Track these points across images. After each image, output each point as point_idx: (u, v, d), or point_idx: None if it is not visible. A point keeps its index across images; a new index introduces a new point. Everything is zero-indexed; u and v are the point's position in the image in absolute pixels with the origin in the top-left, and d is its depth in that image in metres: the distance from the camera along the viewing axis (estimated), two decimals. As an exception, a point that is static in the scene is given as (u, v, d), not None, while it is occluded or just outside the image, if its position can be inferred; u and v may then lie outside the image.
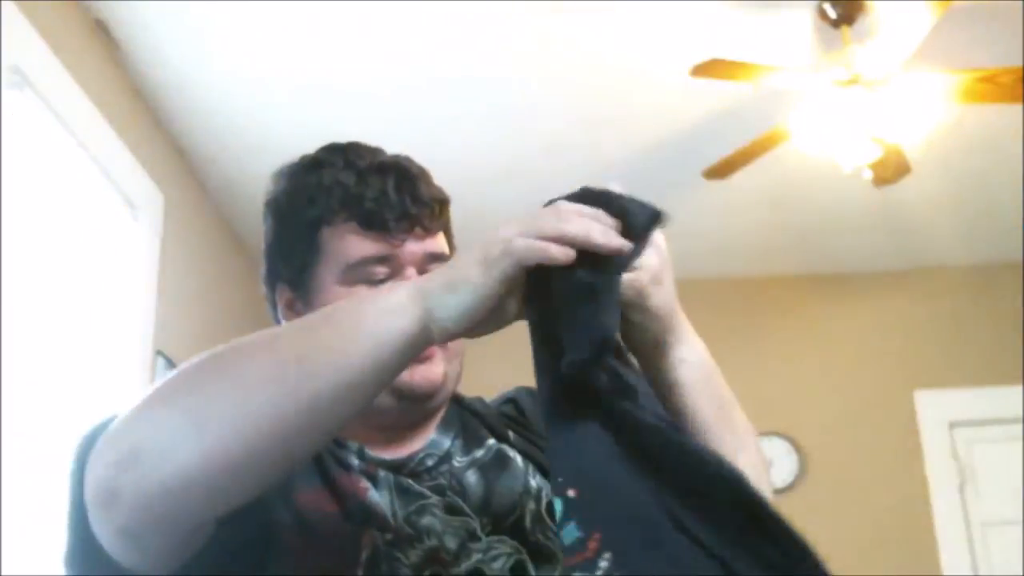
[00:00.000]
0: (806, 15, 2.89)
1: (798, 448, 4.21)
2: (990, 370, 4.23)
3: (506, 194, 3.73)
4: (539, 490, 1.08)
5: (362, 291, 1.04)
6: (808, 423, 4.24)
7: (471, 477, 1.08)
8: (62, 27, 2.59)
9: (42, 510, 2.44)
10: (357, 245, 1.06)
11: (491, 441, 1.13)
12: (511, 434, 1.16)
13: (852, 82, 2.78)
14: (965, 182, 3.76)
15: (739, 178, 3.23)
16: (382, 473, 1.04)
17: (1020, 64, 2.79)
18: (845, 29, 2.85)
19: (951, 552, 4.04)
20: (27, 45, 2.38)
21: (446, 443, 1.10)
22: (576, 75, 3.09)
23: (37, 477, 2.43)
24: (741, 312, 4.42)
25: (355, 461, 1.04)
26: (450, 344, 1.05)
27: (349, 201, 1.07)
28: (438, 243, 1.11)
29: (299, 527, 0.96)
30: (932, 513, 4.10)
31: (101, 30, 2.79)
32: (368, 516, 0.99)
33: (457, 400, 1.16)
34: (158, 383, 0.91)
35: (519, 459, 1.12)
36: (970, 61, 2.89)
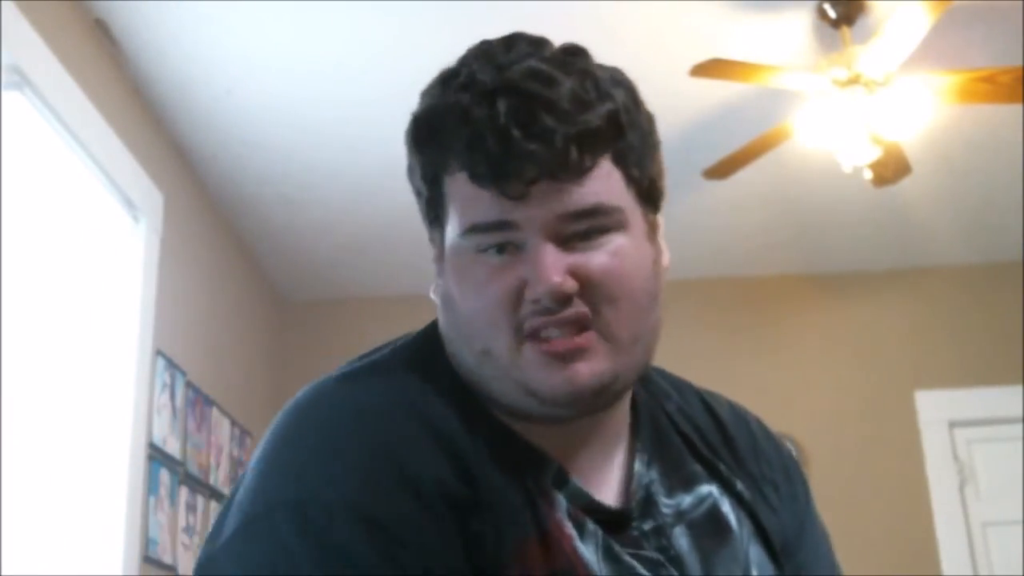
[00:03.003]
0: (806, 15, 2.89)
1: (798, 448, 4.21)
2: (990, 370, 4.23)
3: (506, 194, 3.73)
4: None
5: (477, 269, 0.81)
6: (808, 423, 4.24)
7: (683, 542, 0.85)
8: (61, 27, 2.59)
9: (42, 510, 2.44)
10: (469, 204, 0.81)
11: (704, 488, 0.89)
12: (721, 467, 0.91)
13: (852, 82, 2.78)
14: (965, 182, 3.76)
15: (739, 178, 3.23)
16: (590, 525, 0.81)
17: (1019, 64, 2.79)
18: (845, 29, 2.85)
19: (951, 552, 4.03)
20: (26, 45, 2.38)
21: (645, 475, 0.87)
22: (576, 75, 3.09)
23: (37, 477, 2.43)
24: (741, 311, 4.42)
25: (559, 497, 0.81)
26: (620, 325, 0.80)
27: (454, 141, 0.81)
28: (585, 192, 0.79)
29: None
30: (932, 513, 4.10)
31: (100, 29, 2.79)
32: None
33: (655, 391, 0.93)
34: None
35: (733, 521, 0.88)
36: (969, 61, 2.89)
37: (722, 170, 3.17)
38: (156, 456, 2.98)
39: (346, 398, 0.82)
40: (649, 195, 0.85)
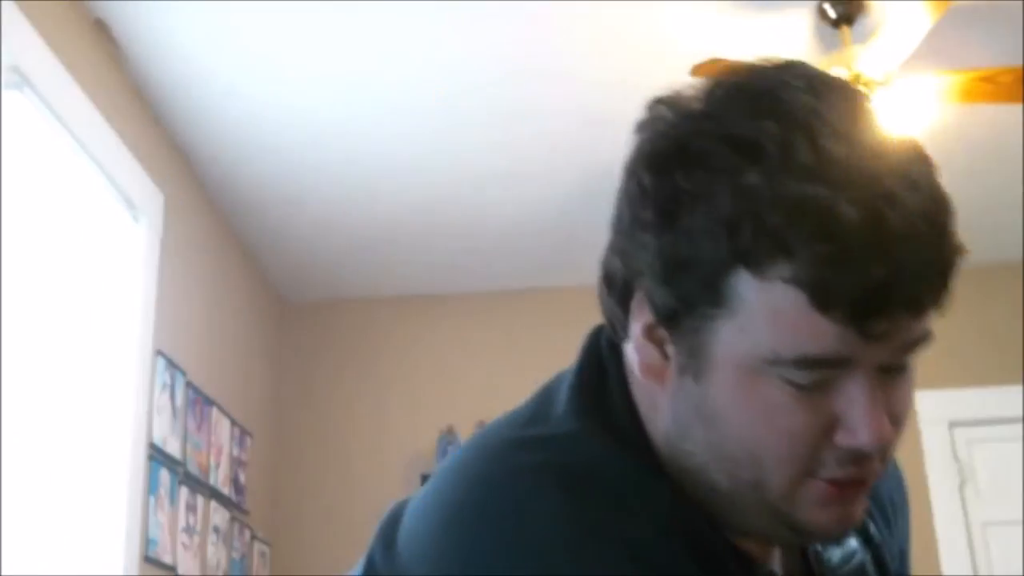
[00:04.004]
0: (806, 15, 2.89)
1: (798, 448, 4.21)
2: (990, 370, 4.22)
3: (506, 194, 3.73)
4: None
5: (780, 398, 0.66)
6: (808, 423, 4.24)
7: None
8: (62, 27, 2.59)
9: (42, 510, 2.44)
10: (795, 331, 0.63)
11: (852, 542, 0.83)
12: (870, 526, 0.85)
13: (852, 82, 2.78)
14: (965, 182, 3.76)
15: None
16: None
17: (1020, 64, 2.79)
18: (845, 29, 2.85)
19: (951, 552, 4.03)
20: (27, 45, 2.38)
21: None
22: (576, 75, 3.09)
23: (37, 477, 2.43)
24: (741, 312, 4.42)
25: None
26: (880, 467, 0.71)
27: (806, 251, 0.61)
28: (924, 322, 0.67)
29: None
30: (932, 512, 4.10)
31: (101, 29, 2.79)
32: None
33: None
34: None
35: (873, 571, 0.84)
36: (970, 61, 2.89)
37: (722, 170, 3.17)
38: (156, 456, 2.98)
39: (574, 500, 0.69)
40: None
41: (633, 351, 0.72)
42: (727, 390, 0.67)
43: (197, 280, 3.49)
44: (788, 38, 2.96)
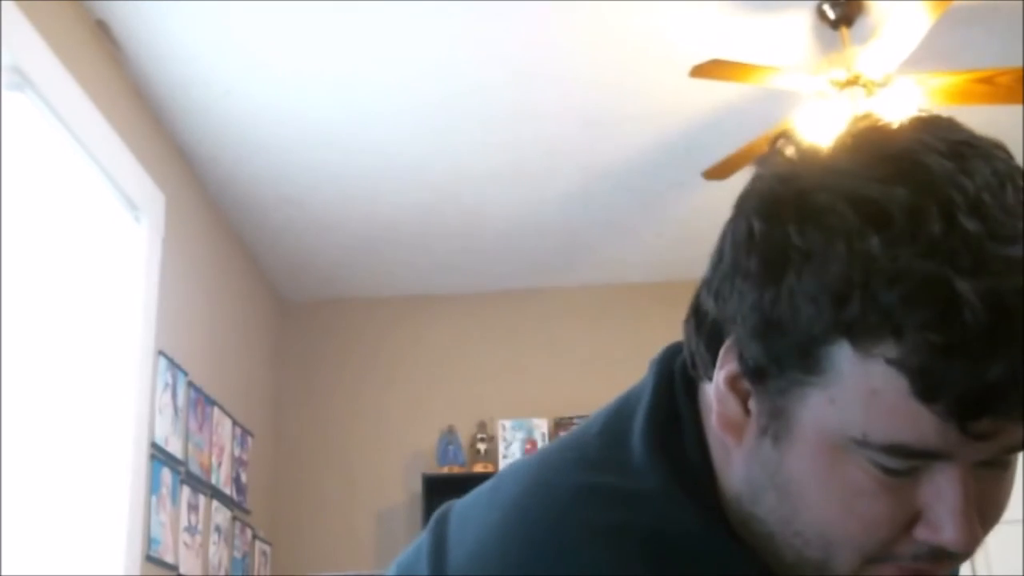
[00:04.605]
0: (806, 16, 2.90)
1: (798, 448, 4.21)
2: (989, 370, 4.23)
3: (506, 194, 3.74)
4: None
5: (863, 481, 0.61)
6: (808, 423, 4.24)
7: None
8: (63, 28, 2.60)
9: (44, 509, 2.44)
10: (892, 417, 0.58)
11: None
12: None
13: (851, 83, 2.79)
14: (964, 182, 3.77)
15: (739, 178, 3.23)
16: None
17: (1019, 65, 2.79)
18: (844, 30, 2.86)
19: (950, 551, 4.04)
20: (28, 46, 2.39)
21: None
22: (576, 75, 3.10)
23: (39, 477, 2.44)
24: (741, 312, 4.42)
25: None
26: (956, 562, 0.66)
27: (918, 336, 0.55)
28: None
29: None
30: (931, 512, 4.10)
31: (102, 30, 2.80)
32: None
33: None
34: None
35: None
36: (968, 62, 2.90)
37: (722, 171, 3.18)
38: (158, 456, 2.99)
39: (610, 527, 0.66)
40: None
41: (714, 399, 0.67)
42: (807, 462, 0.62)
43: (198, 280, 3.50)
44: (788, 39, 2.97)
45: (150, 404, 2.96)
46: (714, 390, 0.66)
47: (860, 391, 0.58)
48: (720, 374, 0.65)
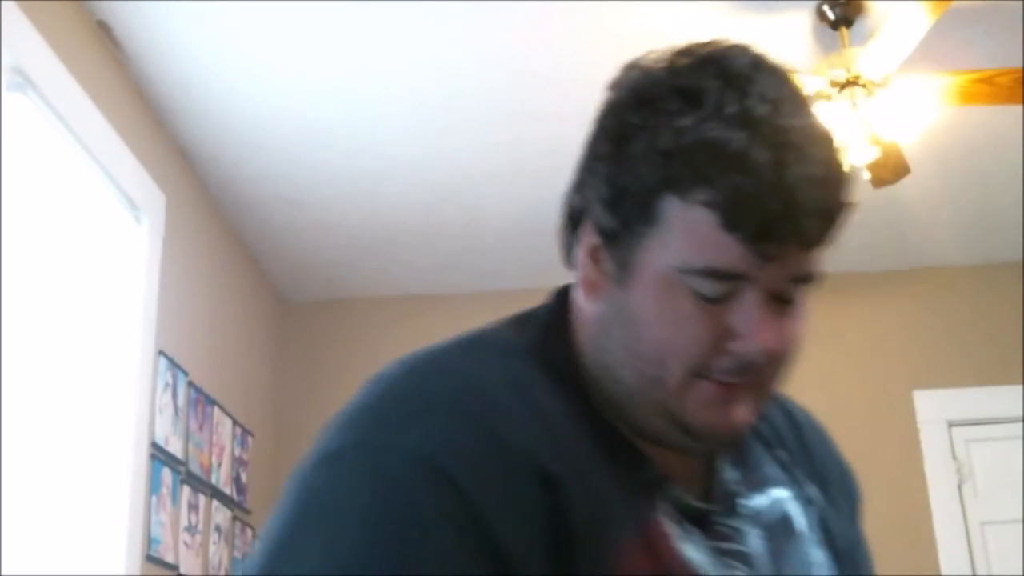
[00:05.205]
0: (805, 16, 2.90)
1: (798, 448, 4.21)
2: (988, 370, 4.23)
3: (506, 194, 3.74)
4: None
5: (686, 306, 0.77)
6: (808, 423, 4.24)
7: (756, 543, 0.86)
8: (64, 28, 2.60)
9: (44, 509, 2.45)
10: (705, 246, 0.76)
11: (778, 491, 0.90)
12: (796, 471, 0.94)
13: (851, 83, 2.79)
14: (964, 182, 3.77)
15: (739, 178, 3.24)
16: (687, 525, 0.83)
17: (1019, 65, 2.80)
18: (844, 30, 2.86)
19: (950, 551, 4.04)
20: (28, 46, 2.39)
21: (729, 477, 0.89)
22: (576, 75, 3.10)
23: (39, 477, 2.44)
24: (741, 312, 4.43)
25: (658, 499, 0.82)
26: (772, 382, 0.83)
27: (718, 180, 0.74)
28: (813, 259, 0.79)
29: None
30: (931, 512, 4.11)
31: (103, 31, 2.80)
32: None
33: None
34: None
35: (803, 524, 0.90)
36: (968, 62, 2.90)
37: (722, 171, 3.18)
38: (158, 456, 2.99)
39: (454, 366, 0.82)
40: None
41: (579, 269, 0.85)
42: (646, 296, 0.79)
43: (199, 280, 3.50)
44: (787, 39, 2.97)
45: (150, 404, 2.97)
46: (579, 262, 0.85)
47: (683, 231, 0.76)
48: (581, 248, 0.84)
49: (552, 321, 0.89)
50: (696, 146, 0.75)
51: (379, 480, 0.72)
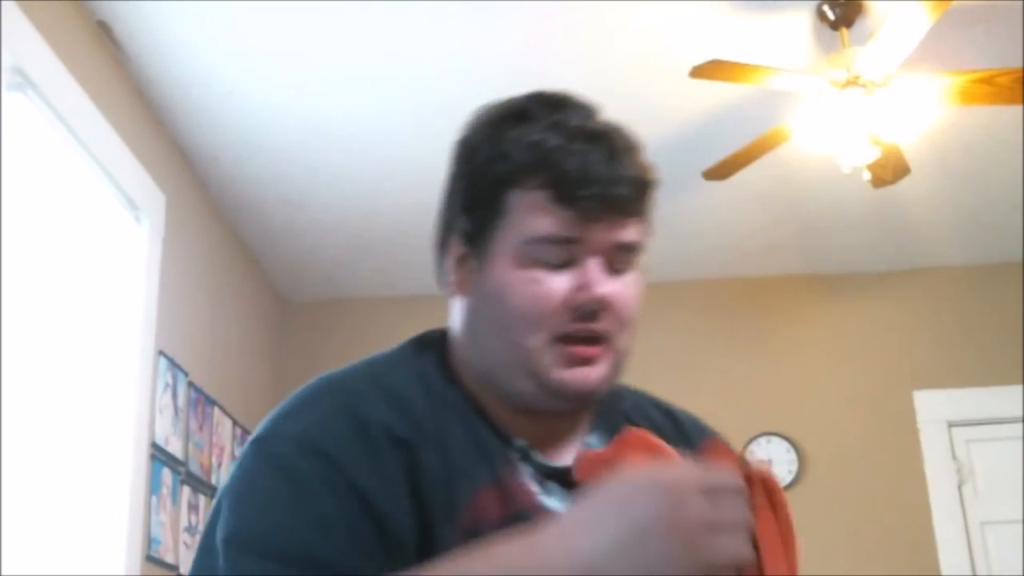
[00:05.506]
0: (805, 17, 2.90)
1: (797, 448, 4.21)
2: (988, 370, 4.23)
3: (506, 194, 3.74)
4: None
5: (536, 274, 0.96)
6: (808, 423, 4.25)
7: None
8: (64, 28, 2.60)
9: (44, 510, 2.45)
10: (543, 218, 0.96)
11: None
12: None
13: (851, 83, 2.79)
14: (964, 183, 3.77)
15: (739, 178, 3.24)
16: (551, 484, 0.99)
17: (1018, 65, 2.80)
18: (844, 30, 2.86)
19: (950, 551, 4.04)
20: (29, 46, 2.39)
21: (594, 443, 1.05)
22: (576, 76, 3.10)
23: (39, 477, 2.44)
24: (741, 312, 4.43)
25: (521, 464, 0.99)
26: (620, 343, 0.99)
27: (546, 166, 0.96)
28: (633, 231, 0.99)
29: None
30: (931, 512, 4.11)
31: (103, 31, 2.80)
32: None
33: (614, 394, 1.09)
34: None
35: None
36: (968, 62, 2.90)
37: (722, 171, 3.18)
38: (158, 456, 2.99)
39: (329, 376, 1.02)
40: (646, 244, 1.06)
41: (451, 276, 1.03)
42: (505, 272, 0.97)
43: (199, 280, 3.50)
44: (787, 40, 2.97)
45: (150, 404, 2.97)
46: (451, 274, 1.02)
47: (525, 211, 0.97)
48: (450, 260, 1.02)
49: (430, 336, 1.08)
50: (527, 147, 0.97)
51: (272, 460, 0.94)
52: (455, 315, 1.04)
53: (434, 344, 1.06)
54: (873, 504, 4.11)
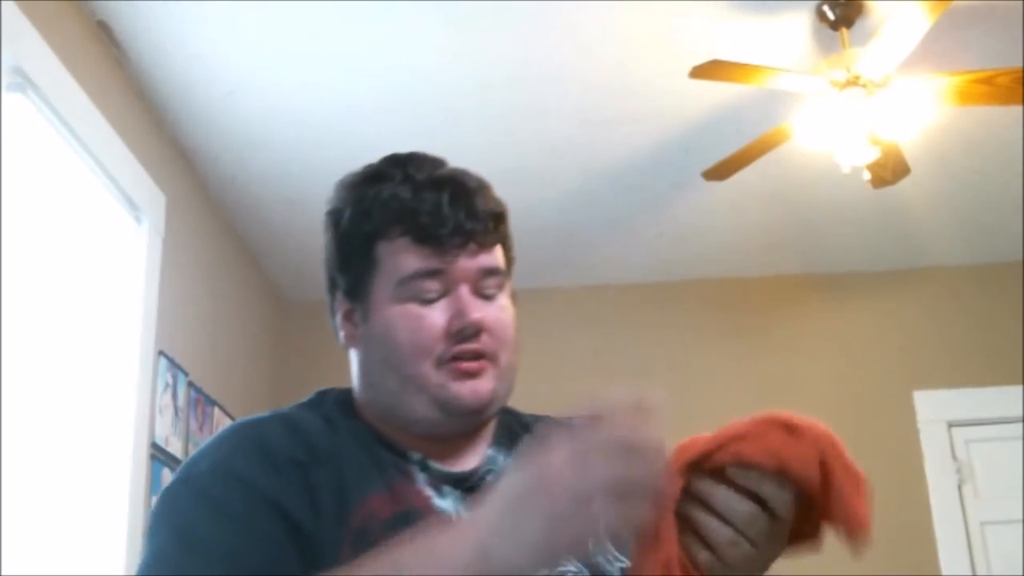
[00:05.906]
0: (805, 17, 2.90)
1: (798, 448, 4.21)
2: (988, 370, 4.24)
3: (506, 194, 3.73)
4: None
5: (414, 309, 1.07)
6: (808, 423, 4.24)
7: None
8: (64, 29, 2.60)
9: (44, 510, 2.45)
10: (410, 259, 1.07)
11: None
12: None
13: (851, 83, 2.79)
14: (964, 182, 3.77)
15: (739, 178, 3.24)
16: (446, 487, 1.07)
17: (1018, 66, 2.80)
18: (844, 31, 2.86)
19: (950, 551, 4.04)
20: (29, 46, 2.39)
21: (501, 459, 1.12)
22: (576, 76, 3.10)
23: (39, 477, 2.44)
24: (741, 312, 4.43)
25: (418, 473, 1.07)
26: (503, 360, 1.09)
27: (404, 215, 1.08)
28: (493, 258, 1.11)
29: (354, 547, 0.97)
30: (931, 512, 4.11)
31: (103, 31, 2.80)
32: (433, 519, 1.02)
33: (509, 413, 1.18)
34: None
35: None
36: (968, 63, 2.90)
37: (722, 171, 3.18)
38: (158, 456, 2.99)
39: (240, 420, 1.12)
40: (510, 270, 1.17)
41: (340, 332, 1.15)
42: (384, 315, 1.08)
43: (199, 280, 3.50)
44: (787, 40, 2.97)
45: (150, 404, 2.97)
46: (340, 329, 1.15)
47: (394, 258, 1.08)
48: (338, 316, 1.16)
49: (334, 389, 1.18)
50: (385, 202, 1.10)
51: (192, 492, 1.02)
52: (352, 367, 1.14)
53: (338, 393, 1.16)
54: (873, 504, 4.11)
